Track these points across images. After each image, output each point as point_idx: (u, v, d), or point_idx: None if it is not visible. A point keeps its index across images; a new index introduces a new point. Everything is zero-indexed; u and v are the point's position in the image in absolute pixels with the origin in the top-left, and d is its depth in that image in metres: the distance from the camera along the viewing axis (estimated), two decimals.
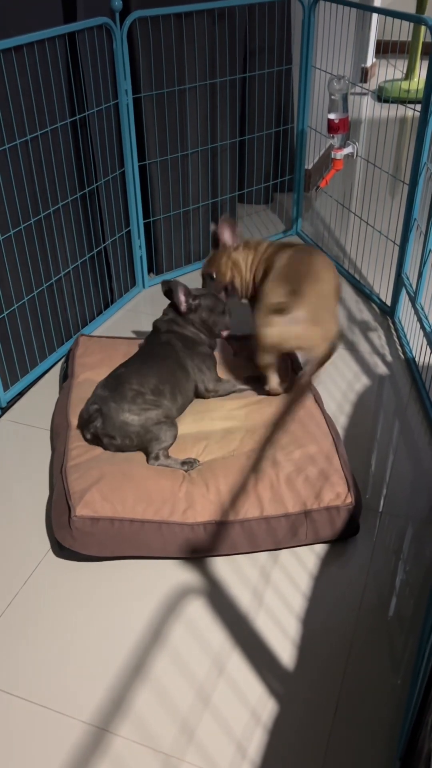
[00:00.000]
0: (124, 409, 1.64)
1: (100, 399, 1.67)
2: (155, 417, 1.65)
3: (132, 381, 1.68)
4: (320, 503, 1.52)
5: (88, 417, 1.67)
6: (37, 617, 1.42)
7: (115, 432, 1.64)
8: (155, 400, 1.69)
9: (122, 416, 1.63)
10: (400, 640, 1.36)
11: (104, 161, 2.22)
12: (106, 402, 1.65)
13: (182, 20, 2.29)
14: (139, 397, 1.66)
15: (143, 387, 1.68)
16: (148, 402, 1.67)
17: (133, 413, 1.64)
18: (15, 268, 1.95)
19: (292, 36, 2.94)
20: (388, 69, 5.36)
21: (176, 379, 1.77)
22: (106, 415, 1.64)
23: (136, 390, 1.67)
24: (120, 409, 1.64)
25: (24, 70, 1.80)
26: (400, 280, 2.32)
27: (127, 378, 1.69)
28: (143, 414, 1.64)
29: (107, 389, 1.68)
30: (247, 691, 1.28)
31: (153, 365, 1.75)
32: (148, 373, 1.72)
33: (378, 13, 2.20)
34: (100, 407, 1.66)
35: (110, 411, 1.64)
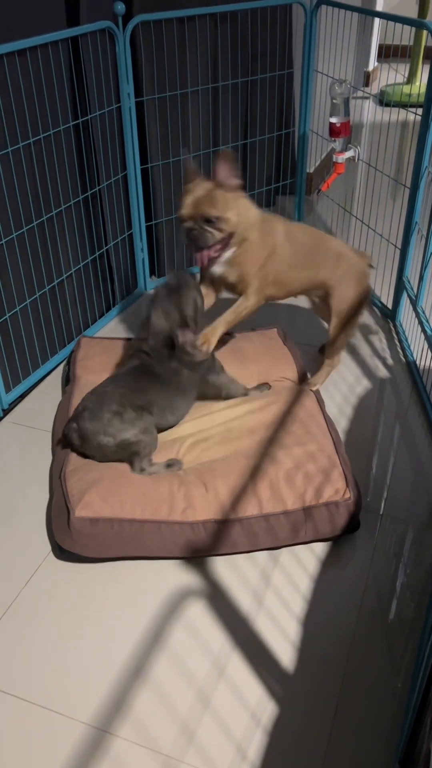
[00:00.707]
0: (98, 432, 1.60)
1: (79, 418, 1.63)
2: (131, 435, 1.60)
3: (113, 403, 1.62)
4: (319, 499, 1.53)
5: (68, 433, 1.65)
6: (38, 619, 1.42)
7: (93, 451, 1.63)
8: (135, 417, 1.62)
9: (97, 438, 1.60)
10: (400, 643, 1.36)
11: (107, 164, 2.23)
12: (83, 422, 1.61)
13: (185, 24, 2.30)
14: (116, 417, 1.60)
15: (124, 407, 1.62)
16: (126, 421, 1.60)
17: (108, 435, 1.59)
18: (18, 271, 1.95)
19: (294, 40, 2.95)
20: (389, 73, 5.37)
21: (172, 401, 1.71)
22: (83, 437, 1.62)
23: (114, 411, 1.60)
24: (95, 432, 1.60)
25: (27, 73, 1.81)
26: (401, 283, 2.32)
27: (109, 399, 1.63)
28: (119, 435, 1.60)
29: (87, 409, 1.63)
30: (247, 693, 1.28)
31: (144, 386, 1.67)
32: (135, 393, 1.65)
33: (380, 18, 2.21)
34: (78, 426, 1.63)
35: (87, 432, 1.61)
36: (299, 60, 3.01)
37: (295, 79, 3.04)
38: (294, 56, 2.98)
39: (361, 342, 2.30)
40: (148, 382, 1.69)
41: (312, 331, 2.36)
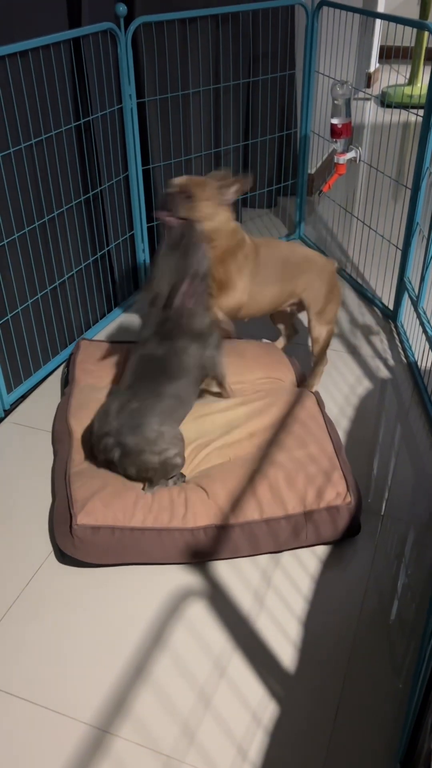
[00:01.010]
0: (146, 451, 1.52)
1: (118, 434, 1.53)
2: (172, 455, 1.54)
3: (153, 421, 1.54)
4: (320, 503, 1.53)
5: (104, 449, 1.56)
6: (39, 620, 1.42)
7: (133, 468, 1.56)
8: (176, 435, 1.56)
9: (143, 457, 1.53)
10: (401, 644, 1.36)
11: (108, 165, 2.24)
12: (125, 438, 1.53)
13: (186, 26, 2.30)
14: (161, 437, 1.53)
15: (164, 425, 1.55)
16: (166, 440, 1.54)
17: (154, 454, 1.52)
18: (19, 271, 1.96)
19: (296, 41, 2.96)
20: (391, 74, 5.37)
21: (188, 395, 1.66)
22: (127, 453, 1.53)
23: (157, 431, 1.53)
24: (141, 449, 1.52)
25: (29, 74, 1.82)
26: (403, 284, 2.32)
27: (149, 417, 1.54)
28: (164, 453, 1.53)
29: (126, 426, 1.53)
30: (248, 694, 1.28)
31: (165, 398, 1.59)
32: (166, 407, 1.58)
33: (381, 19, 2.21)
34: (118, 442, 1.53)
35: (130, 450, 1.53)
36: (301, 61, 3.01)
37: (296, 80, 3.04)
38: (295, 57, 2.99)
39: (363, 343, 2.30)
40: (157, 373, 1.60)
41: None
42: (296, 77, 3.05)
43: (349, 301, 2.56)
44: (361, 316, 2.46)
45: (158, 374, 1.61)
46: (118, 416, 1.56)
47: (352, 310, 2.50)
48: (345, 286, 2.66)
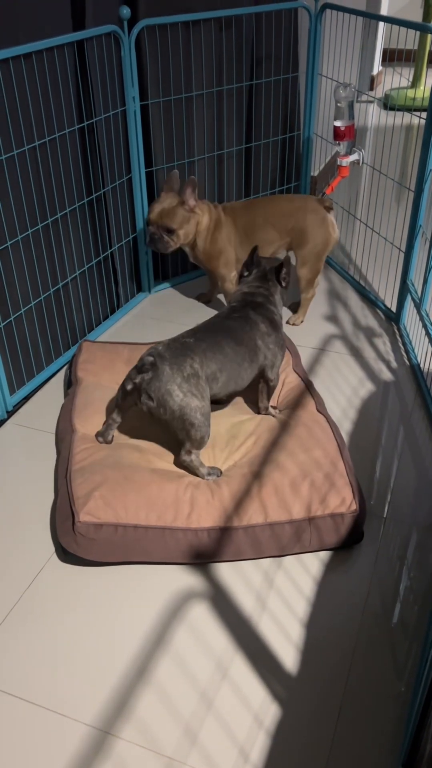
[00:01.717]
0: (175, 380, 1.55)
1: (159, 356, 1.58)
2: (194, 407, 1.57)
3: (195, 358, 1.59)
4: (325, 509, 1.53)
5: (141, 365, 1.58)
6: (41, 620, 1.42)
7: (156, 394, 1.56)
8: (205, 389, 1.60)
9: (169, 386, 1.55)
10: (403, 647, 1.36)
11: (111, 167, 2.24)
12: (163, 363, 1.56)
13: (190, 28, 2.31)
14: (193, 378, 1.57)
15: (202, 370, 1.60)
16: (198, 388, 1.58)
17: (181, 389, 1.56)
18: (22, 273, 1.96)
19: (299, 44, 2.96)
20: (394, 77, 5.38)
21: (239, 369, 1.69)
22: (156, 375, 1.56)
23: (194, 370, 1.58)
24: (172, 379, 1.55)
25: (33, 76, 1.82)
26: (405, 286, 2.32)
27: (192, 352, 1.60)
28: (187, 397, 1.56)
29: (169, 351, 1.59)
30: (250, 696, 1.28)
31: (222, 349, 1.65)
32: (213, 357, 1.63)
33: (384, 22, 2.22)
34: (155, 362, 1.57)
35: (162, 373, 1.56)
36: (304, 64, 3.02)
37: (299, 82, 3.05)
38: (299, 60, 2.99)
39: (365, 345, 2.30)
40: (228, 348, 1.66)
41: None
42: (299, 80, 3.05)
43: (352, 303, 2.56)
44: (364, 319, 2.46)
45: (225, 333, 1.69)
46: (169, 343, 1.61)
47: (355, 312, 2.50)
48: (348, 287, 2.66)
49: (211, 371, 1.63)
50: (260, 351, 1.74)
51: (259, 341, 1.74)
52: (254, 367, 1.74)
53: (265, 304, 1.80)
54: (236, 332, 1.70)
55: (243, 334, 1.71)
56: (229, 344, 1.67)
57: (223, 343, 1.66)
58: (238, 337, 1.70)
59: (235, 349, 1.68)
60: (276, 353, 1.78)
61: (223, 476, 1.63)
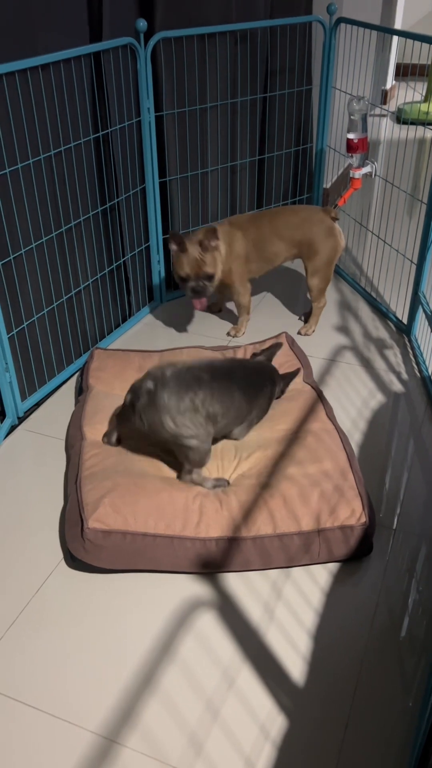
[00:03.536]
0: (169, 411, 1.53)
1: (161, 383, 1.54)
2: (188, 435, 1.56)
3: (200, 393, 1.56)
4: (334, 521, 1.52)
5: (138, 388, 1.56)
6: (48, 626, 1.42)
7: (148, 420, 1.55)
8: (202, 424, 1.57)
9: (162, 416, 1.53)
10: (411, 661, 1.35)
11: (125, 177, 2.26)
12: (162, 390, 1.53)
13: (205, 41, 2.33)
14: (190, 412, 1.54)
15: (203, 407, 1.56)
16: (193, 421, 1.55)
17: (174, 421, 1.53)
18: (35, 280, 1.98)
19: (313, 57, 2.98)
20: (407, 91, 5.40)
21: (238, 421, 1.70)
22: (152, 402, 1.53)
23: (195, 405, 1.55)
24: (165, 409, 1.52)
25: (50, 87, 1.85)
26: (417, 298, 2.32)
27: (199, 388, 1.57)
28: (180, 429, 1.54)
29: (175, 380, 1.55)
30: (257, 706, 1.27)
31: (233, 397, 1.63)
32: (221, 400, 1.60)
33: (399, 36, 2.23)
34: (155, 388, 1.53)
35: (157, 402, 1.52)
36: (317, 77, 3.04)
37: (313, 95, 3.06)
38: (312, 73, 3.01)
39: (376, 356, 2.30)
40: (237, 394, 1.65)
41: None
42: (313, 92, 3.07)
43: (363, 314, 2.56)
44: (375, 330, 2.45)
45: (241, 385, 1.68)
46: (180, 371, 1.58)
47: (366, 323, 2.50)
48: (359, 299, 2.66)
49: (213, 412, 1.59)
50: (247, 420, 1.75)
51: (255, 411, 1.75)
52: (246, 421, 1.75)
53: (275, 387, 1.85)
54: (251, 390, 1.71)
55: (254, 396, 1.72)
56: (240, 396, 1.66)
57: (235, 392, 1.64)
58: (251, 395, 1.70)
59: (241, 404, 1.67)
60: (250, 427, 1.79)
61: (231, 486, 1.63)
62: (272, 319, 2.53)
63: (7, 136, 1.74)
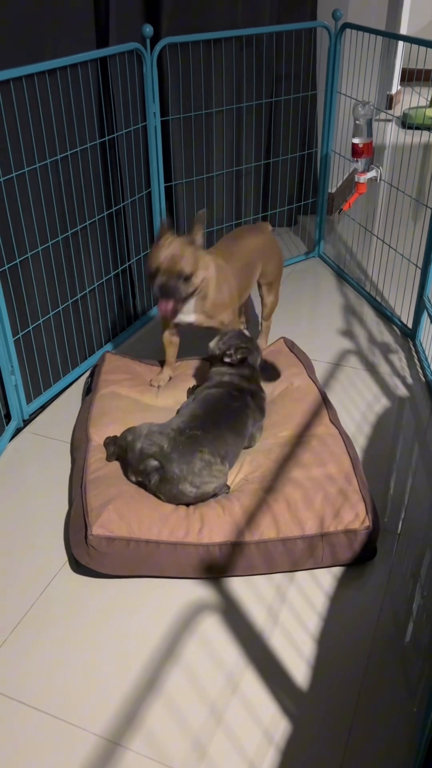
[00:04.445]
0: (186, 480, 1.53)
1: (165, 458, 1.54)
2: (212, 490, 1.57)
3: (205, 450, 1.57)
4: (338, 525, 1.52)
5: (144, 469, 1.57)
6: (52, 629, 1.42)
7: (166, 495, 1.56)
8: (221, 469, 1.59)
9: (181, 486, 1.54)
10: (415, 666, 1.34)
11: (131, 181, 2.27)
12: (171, 465, 1.54)
13: (211, 47, 2.34)
14: (206, 469, 1.55)
15: (214, 456, 1.58)
16: (213, 473, 1.56)
17: (193, 486, 1.54)
18: (42, 284, 1.99)
19: (318, 62, 2.99)
20: (412, 96, 5.40)
21: (237, 445, 1.70)
22: (165, 479, 1.54)
23: (206, 461, 1.56)
24: (182, 479, 1.53)
25: (57, 92, 1.86)
26: (422, 302, 2.32)
27: (201, 445, 1.57)
28: (203, 487, 1.55)
29: (177, 450, 1.55)
30: (261, 710, 1.27)
31: (226, 440, 1.64)
32: (221, 446, 1.61)
33: (404, 41, 2.23)
34: (162, 466, 1.54)
35: (172, 476, 1.53)
36: (322, 82, 3.05)
37: (318, 100, 3.07)
38: (318, 78, 3.02)
39: (381, 360, 2.30)
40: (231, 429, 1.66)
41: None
42: (318, 97, 3.08)
43: (368, 319, 2.56)
44: (380, 334, 2.45)
45: (227, 423, 1.67)
46: (175, 438, 1.57)
47: (371, 328, 2.50)
48: (364, 303, 2.67)
49: (224, 452, 1.62)
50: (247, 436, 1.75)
51: (250, 428, 1.75)
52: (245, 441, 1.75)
53: (259, 393, 1.82)
54: (236, 422, 1.70)
55: (241, 425, 1.71)
56: (230, 436, 1.66)
57: (226, 435, 1.65)
58: (238, 428, 1.70)
59: (235, 440, 1.68)
60: (257, 435, 1.79)
61: (234, 491, 1.63)
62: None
63: (14, 140, 1.75)
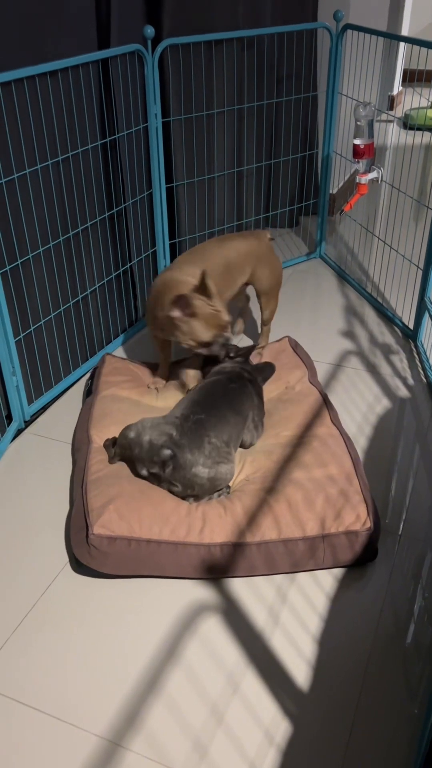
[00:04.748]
0: (198, 463, 1.56)
1: (177, 446, 1.57)
2: (224, 471, 1.59)
3: (211, 433, 1.61)
4: (339, 526, 1.52)
5: (160, 461, 1.58)
6: (53, 629, 1.42)
7: (182, 482, 1.57)
8: (228, 452, 1.63)
9: (194, 469, 1.56)
10: (416, 667, 1.34)
11: (133, 182, 2.27)
12: (183, 452, 1.56)
13: (212, 48, 2.35)
14: (215, 451, 1.59)
15: (219, 439, 1.62)
16: (222, 454, 1.60)
17: (206, 466, 1.57)
18: (43, 285, 1.99)
19: (320, 63, 2.99)
20: (414, 97, 5.40)
21: (240, 436, 1.72)
22: (179, 466, 1.56)
23: (213, 444, 1.59)
24: (195, 462, 1.56)
25: (58, 93, 1.86)
26: (423, 303, 2.32)
27: (206, 429, 1.61)
28: (214, 468, 1.58)
29: (185, 437, 1.58)
30: (261, 711, 1.27)
31: (228, 421, 1.67)
32: (223, 429, 1.64)
33: (405, 42, 2.24)
34: (174, 454, 1.57)
35: (185, 462, 1.56)
36: (323, 83, 3.05)
37: (319, 101, 3.08)
38: (318, 79, 3.02)
39: (382, 361, 2.30)
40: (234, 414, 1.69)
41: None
42: (319, 98, 3.08)
43: (369, 320, 2.56)
44: (381, 335, 2.45)
45: (227, 404, 1.71)
46: (182, 425, 1.61)
47: (372, 329, 2.50)
48: (365, 304, 2.67)
49: (227, 436, 1.65)
50: (248, 425, 1.76)
51: (249, 413, 1.77)
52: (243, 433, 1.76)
53: (256, 381, 1.89)
54: (235, 402, 1.73)
55: (239, 404, 1.74)
56: (231, 415, 1.69)
57: (228, 416, 1.68)
58: (237, 407, 1.73)
59: (236, 419, 1.71)
60: (258, 429, 1.81)
61: (235, 491, 1.63)
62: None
63: (15, 142, 1.76)
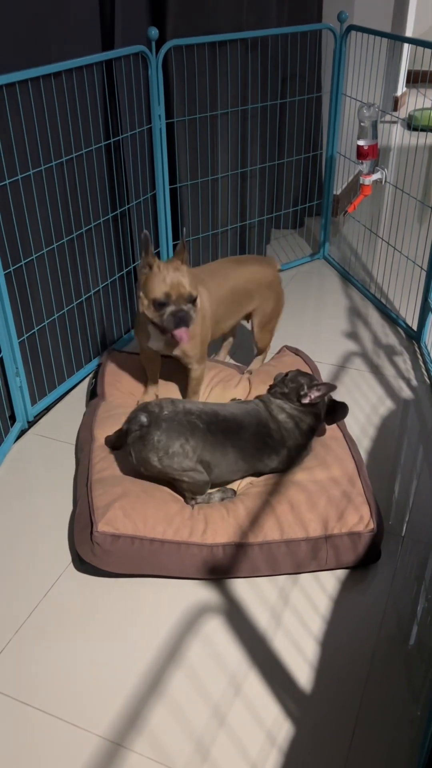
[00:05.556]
0: (157, 453, 1.53)
1: (155, 421, 1.54)
2: (177, 469, 1.55)
3: (191, 441, 1.54)
4: (342, 527, 1.52)
5: (133, 419, 1.56)
6: (56, 629, 1.43)
7: (136, 455, 1.56)
8: (190, 464, 1.56)
9: (150, 454, 1.54)
10: (419, 669, 1.34)
11: (136, 183, 2.28)
12: (155, 430, 1.53)
13: (216, 49, 2.35)
14: (178, 456, 1.54)
15: (194, 453, 1.55)
16: (180, 464, 1.54)
17: (161, 462, 1.54)
18: (46, 286, 1.99)
19: (324, 64, 2.99)
20: (418, 98, 5.40)
21: (233, 474, 1.65)
22: (142, 439, 1.54)
23: (184, 450, 1.54)
24: (154, 450, 1.53)
25: (63, 94, 1.87)
26: (427, 305, 2.32)
27: (192, 436, 1.55)
28: (166, 468, 1.55)
29: (169, 422, 1.54)
30: (263, 712, 1.27)
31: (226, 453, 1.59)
32: (212, 452, 1.57)
33: (409, 43, 2.24)
34: (147, 425, 1.54)
35: (147, 441, 1.53)
36: (327, 84, 3.05)
37: (323, 102, 3.08)
38: (323, 80, 3.02)
39: (385, 363, 2.29)
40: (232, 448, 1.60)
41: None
42: (323, 99, 3.08)
43: (373, 321, 2.56)
44: (385, 337, 2.45)
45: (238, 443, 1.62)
46: (177, 413, 1.57)
47: (376, 330, 2.50)
48: (369, 305, 2.66)
49: (205, 461, 1.57)
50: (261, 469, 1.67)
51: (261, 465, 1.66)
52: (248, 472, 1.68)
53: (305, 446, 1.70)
54: (249, 451, 1.63)
55: (251, 456, 1.63)
56: (234, 453, 1.61)
57: (228, 450, 1.60)
58: (247, 455, 1.63)
59: (236, 460, 1.62)
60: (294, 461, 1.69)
61: (239, 494, 1.63)
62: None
63: (19, 143, 1.76)
